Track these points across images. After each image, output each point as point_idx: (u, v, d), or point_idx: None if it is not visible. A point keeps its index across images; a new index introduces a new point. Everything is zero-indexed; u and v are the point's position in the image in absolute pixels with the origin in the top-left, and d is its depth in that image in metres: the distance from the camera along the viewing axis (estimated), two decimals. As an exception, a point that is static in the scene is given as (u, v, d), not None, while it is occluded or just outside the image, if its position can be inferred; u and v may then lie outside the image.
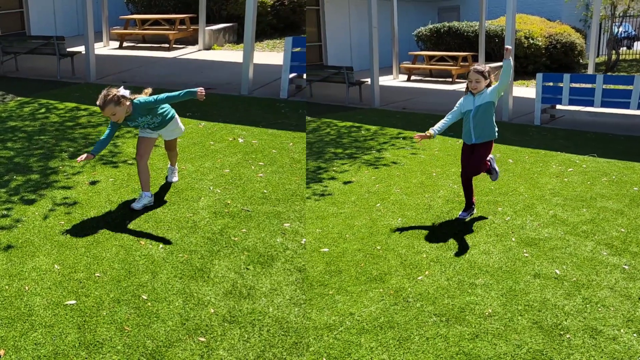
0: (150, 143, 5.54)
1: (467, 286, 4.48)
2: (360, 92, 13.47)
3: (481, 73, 5.46)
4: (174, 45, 15.67)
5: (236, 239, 4.98)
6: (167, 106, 5.53)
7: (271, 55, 14.81)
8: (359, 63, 17.90)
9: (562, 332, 3.89)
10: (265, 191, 5.97)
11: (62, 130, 7.87)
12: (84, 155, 5.08)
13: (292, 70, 10.95)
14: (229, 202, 5.68)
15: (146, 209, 5.45)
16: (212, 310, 3.98)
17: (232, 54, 14.84)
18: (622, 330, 3.91)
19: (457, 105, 5.64)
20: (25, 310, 3.90)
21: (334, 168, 7.67)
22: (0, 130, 7.84)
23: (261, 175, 6.41)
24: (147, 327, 3.78)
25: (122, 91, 5.10)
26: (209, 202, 5.65)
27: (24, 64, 12.34)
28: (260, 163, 6.78)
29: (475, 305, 4.21)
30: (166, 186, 6.00)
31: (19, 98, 9.72)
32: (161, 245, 4.81)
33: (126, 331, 3.73)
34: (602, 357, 3.65)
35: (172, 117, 5.60)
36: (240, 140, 7.63)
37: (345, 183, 7.00)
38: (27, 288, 4.14)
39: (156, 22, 16.41)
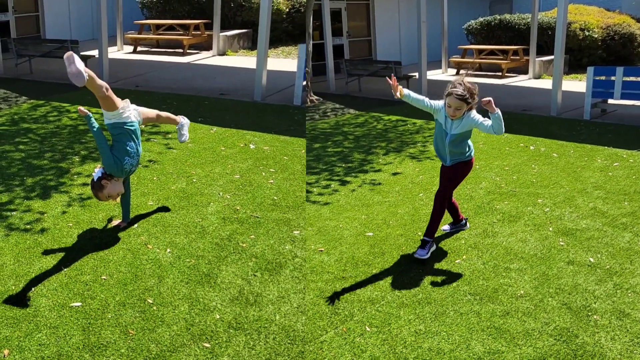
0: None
1: (501, 270, 4.62)
2: (407, 86, 13.48)
3: (464, 99, 4.53)
4: (188, 51, 15.74)
5: (244, 245, 4.94)
6: (113, 126, 4.80)
7: (285, 62, 14.82)
8: (409, 57, 17.88)
9: (589, 313, 4.00)
10: (275, 198, 5.94)
11: (74, 134, 7.89)
12: (121, 224, 5.15)
13: (305, 78, 10.94)
14: (238, 208, 5.65)
15: (155, 213, 5.43)
16: (218, 316, 3.94)
17: (246, 60, 14.87)
18: (649, 314, 3.96)
19: (433, 103, 4.82)
20: (31, 311, 3.88)
21: (380, 160, 7.83)
22: (13, 131, 7.87)
23: (272, 181, 6.37)
24: (151, 331, 3.74)
25: (96, 175, 4.74)
26: (218, 208, 5.62)
27: (38, 67, 12.43)
28: (271, 169, 6.75)
29: (508, 287, 4.37)
30: (176, 191, 5.99)
31: (32, 100, 9.77)
32: (168, 250, 4.78)
33: (130, 334, 3.70)
34: (626, 336, 3.76)
35: (131, 121, 4.84)
36: (252, 146, 7.61)
37: (390, 174, 7.18)
38: (33, 289, 4.12)
39: (170, 28, 16.50)
